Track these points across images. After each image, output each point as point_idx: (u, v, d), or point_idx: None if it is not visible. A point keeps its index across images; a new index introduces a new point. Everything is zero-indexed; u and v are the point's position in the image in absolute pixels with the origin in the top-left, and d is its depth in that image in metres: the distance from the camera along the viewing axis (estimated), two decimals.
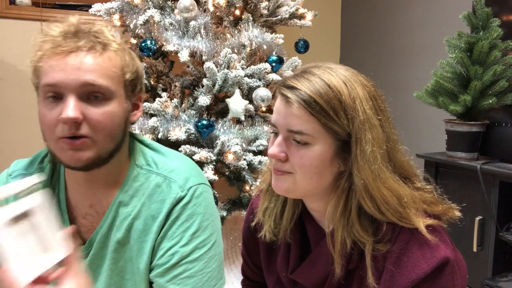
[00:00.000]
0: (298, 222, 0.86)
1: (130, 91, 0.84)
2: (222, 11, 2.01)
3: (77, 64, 0.75)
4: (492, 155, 1.86)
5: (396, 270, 0.72)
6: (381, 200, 0.72)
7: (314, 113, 0.71)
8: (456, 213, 0.79)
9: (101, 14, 2.04)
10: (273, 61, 2.00)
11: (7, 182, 0.89)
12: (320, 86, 0.71)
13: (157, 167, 0.87)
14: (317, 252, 0.82)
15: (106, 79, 0.77)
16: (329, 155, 0.73)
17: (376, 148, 0.72)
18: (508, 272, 1.74)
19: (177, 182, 0.86)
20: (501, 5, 1.90)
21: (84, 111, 0.75)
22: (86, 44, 0.77)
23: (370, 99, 0.74)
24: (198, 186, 0.87)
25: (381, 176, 0.72)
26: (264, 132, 1.94)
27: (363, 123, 0.71)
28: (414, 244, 0.72)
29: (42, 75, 0.77)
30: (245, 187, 1.93)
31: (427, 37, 2.54)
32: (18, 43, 2.54)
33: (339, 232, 0.75)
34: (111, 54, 0.79)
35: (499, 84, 1.76)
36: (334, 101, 0.71)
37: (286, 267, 0.87)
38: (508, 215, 1.73)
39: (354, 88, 0.73)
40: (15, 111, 2.56)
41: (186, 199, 0.85)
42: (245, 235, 0.99)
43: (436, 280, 0.71)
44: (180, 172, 0.87)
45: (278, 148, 0.75)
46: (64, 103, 0.75)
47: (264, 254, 0.93)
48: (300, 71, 0.76)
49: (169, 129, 1.83)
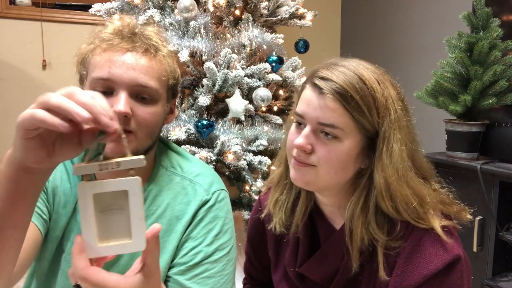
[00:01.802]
0: (308, 217, 0.86)
1: (171, 95, 0.88)
2: (222, 11, 2.01)
3: (133, 64, 0.78)
4: (492, 155, 1.86)
5: (408, 266, 0.73)
6: (400, 200, 0.72)
7: (349, 107, 0.70)
8: (467, 216, 0.79)
9: (101, 14, 2.04)
10: (273, 61, 1.99)
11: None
12: (355, 80, 0.71)
13: (182, 171, 0.91)
14: (327, 247, 0.82)
15: (156, 81, 0.81)
16: (355, 151, 0.73)
17: (403, 147, 0.73)
18: (508, 272, 1.74)
19: (203, 186, 0.90)
20: (501, 5, 1.90)
21: (132, 108, 0.77)
22: (142, 46, 0.80)
23: (399, 100, 0.75)
24: (221, 191, 0.92)
25: (405, 175, 0.73)
26: (264, 132, 1.94)
27: (393, 122, 0.72)
28: (427, 241, 0.73)
29: (94, 68, 0.79)
30: (245, 187, 1.92)
31: (427, 37, 2.54)
32: (18, 43, 2.54)
33: (359, 229, 0.75)
34: (161, 58, 0.83)
35: (499, 84, 1.76)
36: (369, 98, 0.71)
37: (294, 262, 0.87)
38: (508, 215, 1.73)
39: (386, 87, 0.73)
40: (15, 111, 2.55)
41: (211, 202, 0.89)
42: (251, 231, 0.99)
43: (447, 277, 0.72)
44: (205, 177, 0.92)
45: (305, 140, 0.73)
46: (116, 98, 0.77)
47: (272, 248, 0.93)
48: (330, 63, 0.75)
49: (169, 129, 1.83)
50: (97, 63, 0.79)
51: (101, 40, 0.81)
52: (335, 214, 0.83)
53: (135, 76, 0.78)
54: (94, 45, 0.81)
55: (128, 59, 0.78)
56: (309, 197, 0.85)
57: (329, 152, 0.72)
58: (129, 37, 0.80)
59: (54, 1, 2.63)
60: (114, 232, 0.56)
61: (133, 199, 0.54)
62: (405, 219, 0.73)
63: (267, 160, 1.85)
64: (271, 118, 2.03)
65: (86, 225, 0.54)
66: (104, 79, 0.77)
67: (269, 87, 2.00)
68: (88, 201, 0.54)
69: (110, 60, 0.78)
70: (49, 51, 2.59)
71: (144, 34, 0.82)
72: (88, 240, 0.55)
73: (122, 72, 0.77)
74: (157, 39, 0.84)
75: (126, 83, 0.77)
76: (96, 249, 0.55)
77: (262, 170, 1.87)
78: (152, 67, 0.80)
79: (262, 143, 1.89)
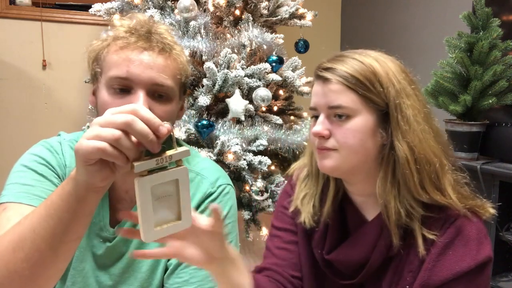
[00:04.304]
0: (338, 207, 0.87)
1: (182, 92, 0.90)
2: (222, 11, 2.01)
3: (151, 63, 0.79)
4: (492, 155, 1.86)
5: (439, 261, 0.74)
6: (426, 162, 0.75)
7: (351, 86, 0.75)
8: (490, 210, 0.80)
9: (101, 14, 2.03)
10: (273, 61, 1.99)
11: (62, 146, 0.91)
12: (354, 63, 0.77)
13: (189, 164, 0.92)
14: (357, 236, 0.83)
15: (172, 80, 0.82)
16: (370, 126, 0.76)
17: (417, 112, 0.76)
18: (508, 272, 1.74)
19: (209, 179, 0.92)
20: (501, 5, 1.90)
21: (150, 107, 0.79)
22: (158, 45, 0.81)
23: (401, 72, 0.79)
24: (226, 185, 0.93)
25: (426, 137, 0.76)
26: (264, 132, 1.94)
27: (399, 92, 0.76)
28: (461, 239, 0.75)
29: (111, 66, 0.80)
30: (245, 187, 1.92)
31: (427, 37, 2.54)
32: (18, 43, 2.54)
33: (392, 203, 0.77)
34: (176, 57, 0.84)
35: (499, 84, 1.76)
36: (369, 73, 0.76)
37: (322, 245, 0.87)
38: (508, 215, 1.73)
39: (385, 63, 0.78)
40: (15, 111, 2.56)
41: (215, 195, 0.91)
42: (280, 210, 0.97)
43: (476, 277, 0.73)
44: (212, 171, 0.94)
45: (321, 126, 0.78)
46: (134, 97, 0.78)
47: (302, 238, 0.92)
48: (332, 56, 0.81)
49: None
50: (114, 61, 0.80)
51: (115, 37, 0.81)
52: (366, 203, 0.84)
53: (153, 75, 0.79)
54: (108, 42, 0.82)
55: (145, 58, 0.79)
56: (337, 186, 0.87)
57: (345, 132, 0.76)
58: (146, 36, 0.81)
59: (54, 1, 2.63)
60: (166, 216, 0.62)
61: (182, 186, 0.61)
62: (433, 199, 0.75)
63: (267, 160, 1.85)
64: (271, 118, 2.03)
65: (145, 214, 0.59)
66: (122, 78, 0.78)
67: (269, 87, 2.00)
68: (147, 193, 0.59)
69: (128, 59, 0.79)
70: (49, 51, 2.59)
71: (158, 33, 0.83)
72: (146, 228, 0.60)
73: (140, 71, 0.78)
74: (170, 37, 0.85)
75: (144, 82, 0.79)
76: (153, 233, 0.61)
77: (262, 170, 1.87)
78: (168, 66, 0.82)
79: (262, 143, 1.88)
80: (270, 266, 0.89)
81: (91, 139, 0.55)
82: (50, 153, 0.87)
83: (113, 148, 0.55)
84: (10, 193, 0.80)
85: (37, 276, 0.65)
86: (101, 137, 0.55)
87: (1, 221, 0.75)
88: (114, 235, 0.88)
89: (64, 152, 0.89)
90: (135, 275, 0.90)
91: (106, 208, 0.88)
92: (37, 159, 0.85)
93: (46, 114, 2.62)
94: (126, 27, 0.82)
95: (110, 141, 0.54)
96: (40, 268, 0.64)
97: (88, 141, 0.55)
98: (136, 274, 0.90)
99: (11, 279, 0.64)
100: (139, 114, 0.56)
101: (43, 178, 0.83)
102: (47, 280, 0.67)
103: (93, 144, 0.55)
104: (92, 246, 0.89)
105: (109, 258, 0.89)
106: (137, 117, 0.55)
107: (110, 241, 0.88)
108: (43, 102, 2.62)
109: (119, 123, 0.55)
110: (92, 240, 0.88)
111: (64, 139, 0.91)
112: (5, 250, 0.64)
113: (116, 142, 0.54)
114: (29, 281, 0.65)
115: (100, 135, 0.55)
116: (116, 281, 0.90)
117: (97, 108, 0.85)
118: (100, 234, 0.88)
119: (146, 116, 0.56)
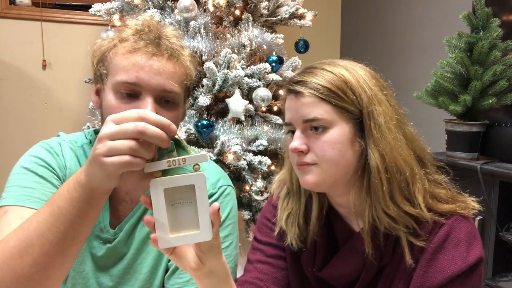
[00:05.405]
0: (325, 221, 0.86)
1: (186, 96, 0.90)
2: (222, 11, 2.01)
3: (160, 69, 0.79)
4: (492, 155, 1.86)
5: (430, 266, 0.74)
6: (396, 171, 0.74)
7: (324, 97, 0.74)
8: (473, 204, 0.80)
9: (101, 14, 2.03)
10: (273, 61, 1.99)
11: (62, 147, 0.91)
12: (325, 74, 0.76)
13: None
14: (346, 250, 0.82)
15: (179, 86, 0.83)
16: (347, 135, 0.75)
17: (388, 119, 0.76)
18: (508, 272, 1.74)
19: (210, 180, 0.91)
20: (501, 5, 1.90)
21: (158, 113, 0.78)
22: (167, 50, 0.81)
23: (372, 78, 0.78)
24: (227, 187, 0.94)
25: (398, 144, 0.75)
26: (264, 132, 1.94)
27: (371, 98, 0.75)
28: (450, 242, 0.74)
29: (119, 70, 0.79)
30: (245, 187, 1.92)
31: (427, 37, 2.54)
32: (18, 43, 2.54)
33: (366, 212, 0.76)
34: (183, 63, 0.84)
35: (499, 84, 1.76)
36: (340, 82, 0.75)
37: (312, 263, 0.86)
38: (508, 215, 1.73)
39: (355, 71, 0.77)
40: (15, 111, 2.56)
41: (215, 196, 0.91)
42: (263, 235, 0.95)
43: (468, 278, 0.73)
44: (213, 172, 0.94)
45: (298, 141, 0.76)
46: (142, 102, 0.78)
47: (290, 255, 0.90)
48: (302, 69, 0.80)
49: None
50: (122, 65, 0.79)
51: (122, 39, 0.81)
52: (353, 215, 0.82)
53: (162, 82, 0.79)
54: (114, 42, 0.81)
55: (155, 64, 0.79)
56: (322, 201, 0.85)
57: (323, 145, 0.75)
58: (155, 41, 0.80)
59: (54, 1, 2.63)
60: (183, 224, 0.60)
61: (199, 192, 0.59)
62: (397, 204, 0.75)
63: (267, 160, 1.85)
64: (271, 118, 2.03)
65: (158, 218, 0.59)
66: (131, 83, 0.78)
67: (269, 87, 2.00)
68: (160, 196, 0.59)
69: (137, 64, 0.78)
70: (49, 51, 2.59)
71: (167, 37, 0.83)
72: (161, 232, 0.59)
73: (150, 77, 0.78)
74: (178, 41, 0.85)
75: (153, 88, 0.79)
76: (168, 240, 0.59)
77: (262, 170, 1.87)
78: (176, 72, 0.82)
79: (262, 143, 1.88)
80: (253, 281, 0.87)
81: (111, 156, 0.57)
82: (50, 154, 0.87)
83: (135, 157, 0.57)
84: (11, 196, 0.79)
85: (45, 279, 0.65)
86: (120, 150, 0.56)
87: (2, 224, 0.75)
88: (114, 236, 0.88)
89: (64, 153, 0.89)
90: (135, 276, 0.90)
91: (106, 209, 0.88)
92: (37, 160, 0.85)
93: (46, 114, 2.62)
94: (133, 29, 0.81)
95: (130, 153, 0.56)
96: (49, 271, 0.65)
97: (111, 159, 0.57)
98: (137, 275, 0.89)
99: (19, 283, 0.64)
100: (148, 119, 0.57)
101: (43, 180, 0.83)
102: (55, 281, 0.68)
103: (118, 160, 0.57)
104: (91, 247, 0.89)
105: (110, 259, 0.89)
106: (147, 122, 0.57)
107: (110, 242, 0.88)
108: (43, 102, 2.62)
109: (132, 132, 0.56)
110: (92, 241, 0.88)
111: (63, 140, 0.91)
112: (12, 256, 0.64)
113: (135, 152, 0.57)
114: (38, 284, 0.65)
115: (118, 148, 0.56)
116: (116, 282, 0.90)
117: (101, 109, 0.85)
118: (100, 235, 0.88)
119: (155, 120, 0.58)
